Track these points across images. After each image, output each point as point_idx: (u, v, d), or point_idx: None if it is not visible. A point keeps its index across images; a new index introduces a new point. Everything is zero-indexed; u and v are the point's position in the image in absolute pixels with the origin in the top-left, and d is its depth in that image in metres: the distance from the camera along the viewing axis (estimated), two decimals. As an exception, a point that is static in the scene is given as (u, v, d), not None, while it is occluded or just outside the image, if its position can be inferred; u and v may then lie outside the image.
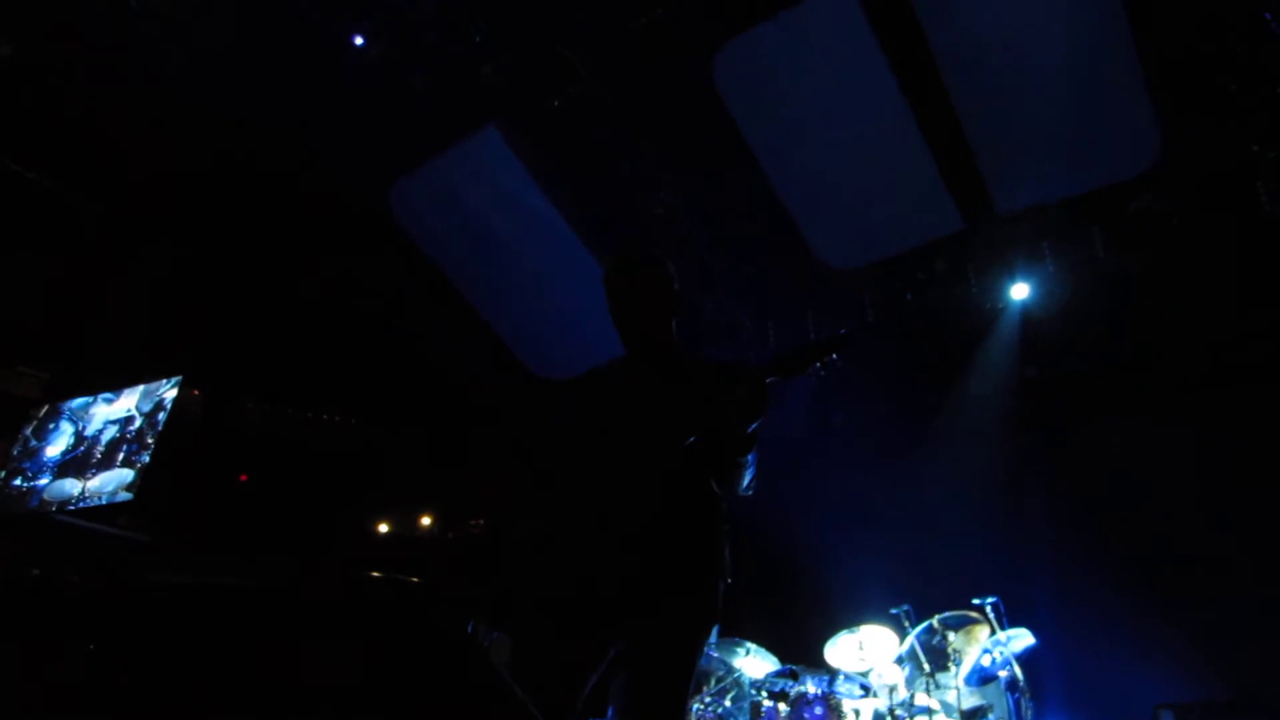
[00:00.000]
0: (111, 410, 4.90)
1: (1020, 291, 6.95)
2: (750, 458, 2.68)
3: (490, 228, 6.96)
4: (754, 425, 2.61)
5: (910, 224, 6.66)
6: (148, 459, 4.55)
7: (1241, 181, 5.97)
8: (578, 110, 6.23)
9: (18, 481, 4.86)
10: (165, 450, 4.67)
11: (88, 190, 6.65)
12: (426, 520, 9.86)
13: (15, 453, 5.02)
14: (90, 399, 5.01)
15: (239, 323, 7.40)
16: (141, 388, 4.88)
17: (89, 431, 4.85)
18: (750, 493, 2.78)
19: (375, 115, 6.17)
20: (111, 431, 4.78)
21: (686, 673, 2.54)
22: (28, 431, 5.08)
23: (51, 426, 5.03)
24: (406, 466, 9.17)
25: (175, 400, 4.84)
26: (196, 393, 5.20)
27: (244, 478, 7.80)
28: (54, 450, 4.88)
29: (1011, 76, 5.64)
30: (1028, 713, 5.31)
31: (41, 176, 6.45)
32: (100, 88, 5.88)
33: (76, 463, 4.72)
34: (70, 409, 5.01)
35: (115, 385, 5.18)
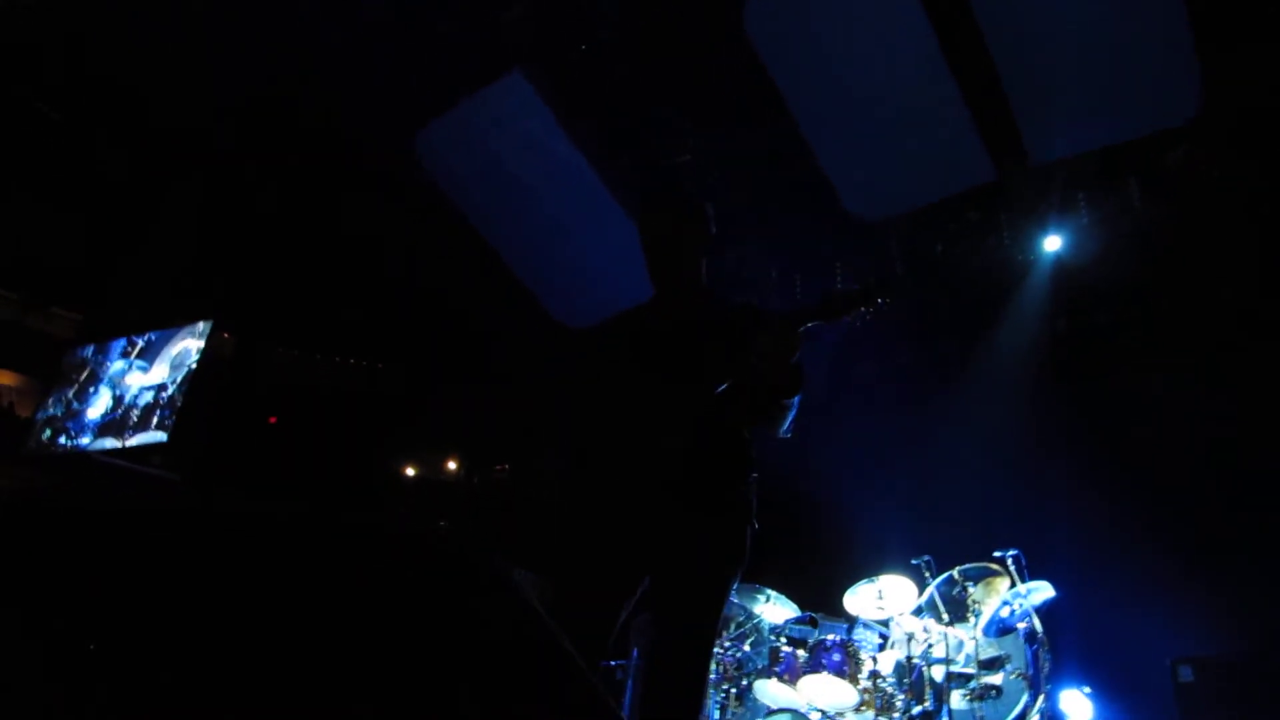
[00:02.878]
0: (147, 378, 5.17)
1: (1053, 243, 6.84)
2: (794, 400, 2.67)
3: (516, 174, 6.92)
4: (795, 357, 2.59)
5: (942, 174, 6.53)
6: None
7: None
8: (604, 55, 6.14)
9: (62, 440, 5.13)
10: (197, 392, 4.80)
11: (116, 134, 6.68)
12: (452, 464, 9.99)
13: (59, 413, 5.27)
14: (126, 366, 5.27)
15: (268, 268, 7.46)
16: (171, 358, 5.08)
17: (127, 397, 5.11)
18: (789, 435, 2.78)
19: (401, 58, 6.12)
20: (147, 397, 5.05)
21: (714, 614, 2.58)
22: (70, 394, 5.36)
23: (91, 390, 5.31)
24: (432, 411, 9.27)
25: (206, 343, 4.97)
26: (227, 336, 5.28)
27: (273, 420, 7.93)
28: (94, 413, 5.17)
29: (1049, 19, 5.48)
30: (1045, 664, 5.36)
31: (70, 118, 6.48)
32: (125, 30, 5.86)
33: (115, 425, 4.98)
34: (109, 376, 5.27)
35: (148, 327, 5.29)
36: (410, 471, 9.91)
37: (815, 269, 7.52)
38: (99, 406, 5.17)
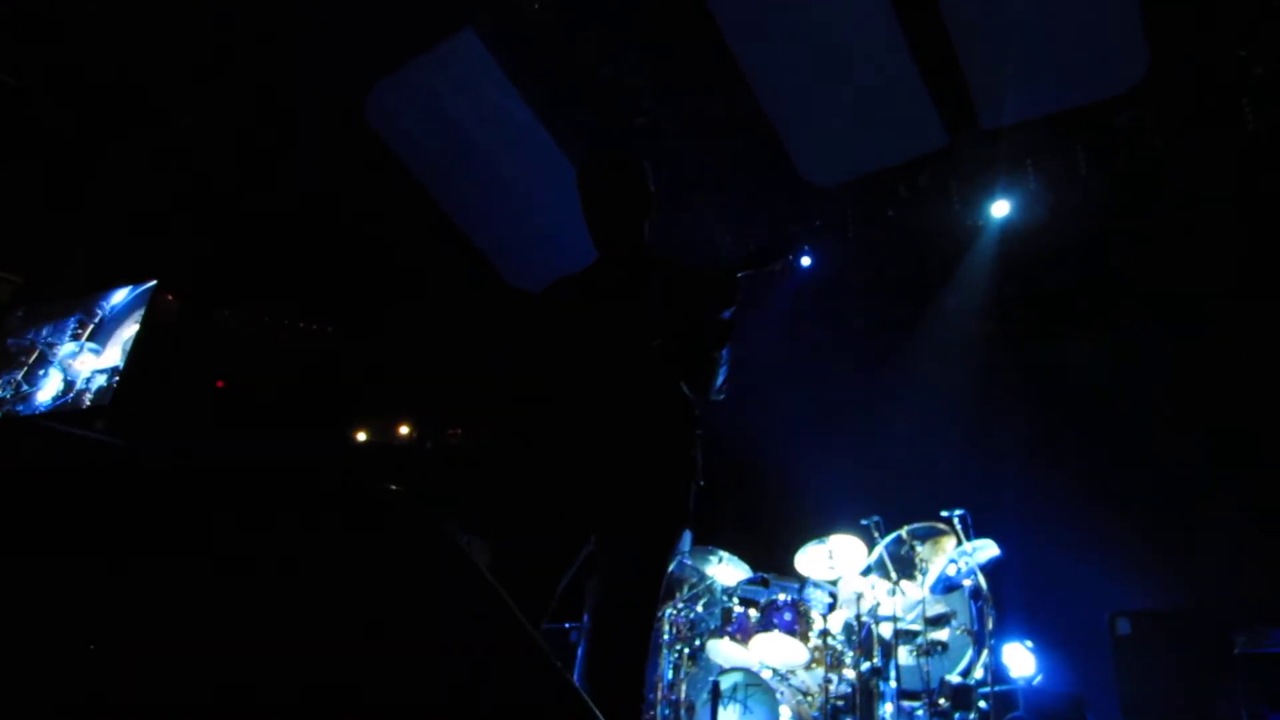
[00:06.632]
0: (100, 361, 5.05)
1: (1001, 208, 6.93)
2: (724, 354, 2.67)
3: (469, 135, 6.81)
4: (727, 313, 2.61)
5: (894, 139, 6.58)
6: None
7: (1227, 96, 5.92)
8: (559, 14, 6.04)
9: (15, 424, 5.02)
10: (140, 356, 4.69)
11: (56, 91, 6.44)
12: (404, 429, 9.91)
13: (7, 395, 5.14)
14: (77, 348, 5.14)
15: (212, 228, 7.27)
16: (124, 341, 4.97)
17: (79, 381, 4.99)
18: (722, 396, 2.76)
19: (351, 14, 5.95)
20: (100, 381, 4.94)
21: (657, 572, 2.59)
22: (19, 376, 5.21)
23: (41, 373, 5.18)
24: (383, 375, 9.16)
25: (149, 306, 4.85)
26: (171, 298, 5.15)
27: (220, 384, 7.77)
28: (44, 396, 5.03)
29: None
30: (989, 620, 5.50)
31: (6, 76, 6.23)
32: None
33: (67, 409, 4.85)
34: (60, 359, 5.14)
35: (90, 290, 5.15)
36: (361, 436, 9.81)
37: (769, 233, 7.53)
38: (49, 390, 5.03)
